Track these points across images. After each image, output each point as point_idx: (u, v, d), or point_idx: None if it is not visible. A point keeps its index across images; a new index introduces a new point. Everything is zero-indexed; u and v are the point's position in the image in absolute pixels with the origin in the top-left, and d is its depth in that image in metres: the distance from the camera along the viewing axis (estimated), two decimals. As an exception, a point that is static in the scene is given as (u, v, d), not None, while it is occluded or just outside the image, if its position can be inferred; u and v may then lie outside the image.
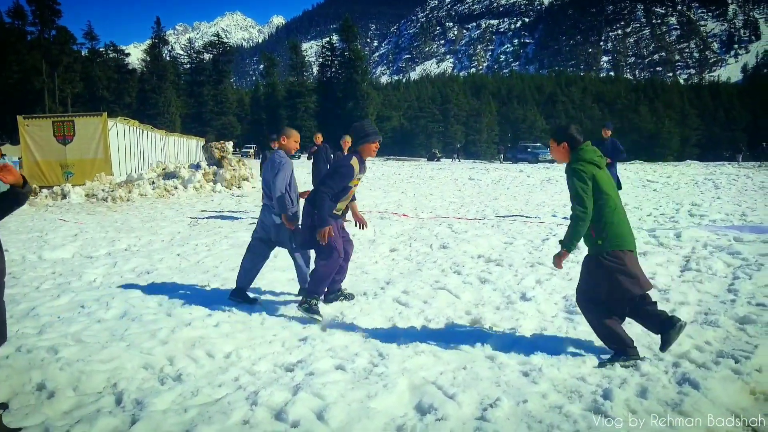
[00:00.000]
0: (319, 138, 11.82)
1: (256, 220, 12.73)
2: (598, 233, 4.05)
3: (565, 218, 12.05)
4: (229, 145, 23.37)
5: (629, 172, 28.27)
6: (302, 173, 21.01)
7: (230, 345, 4.54)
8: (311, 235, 5.21)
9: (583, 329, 4.80)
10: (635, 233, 9.33)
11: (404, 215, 13.16)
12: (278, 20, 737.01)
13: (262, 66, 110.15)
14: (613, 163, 12.19)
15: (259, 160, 15.41)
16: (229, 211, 14.72)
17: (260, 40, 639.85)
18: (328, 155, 11.63)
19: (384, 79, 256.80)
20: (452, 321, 5.05)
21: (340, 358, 4.24)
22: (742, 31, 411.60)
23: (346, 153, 11.72)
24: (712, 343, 4.43)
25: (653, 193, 18.01)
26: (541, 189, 20.97)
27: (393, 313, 5.28)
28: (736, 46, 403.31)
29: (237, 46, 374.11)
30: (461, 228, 10.66)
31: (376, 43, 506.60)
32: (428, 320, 5.09)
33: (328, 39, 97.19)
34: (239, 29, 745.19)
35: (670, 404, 3.41)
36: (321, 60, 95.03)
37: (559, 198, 17.12)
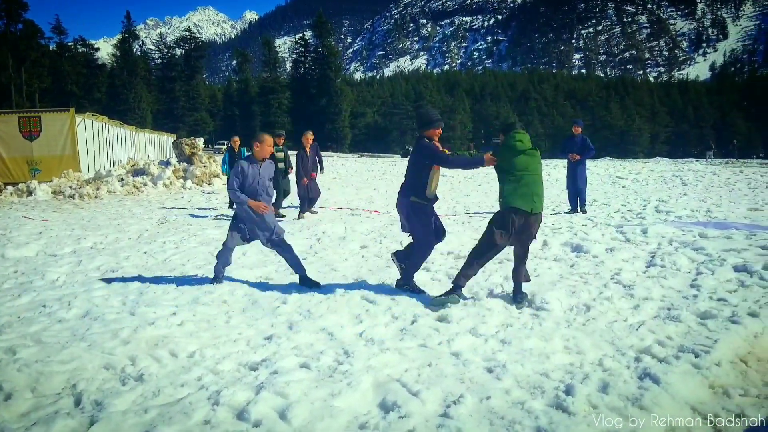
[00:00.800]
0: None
1: (223, 217, 12.64)
2: (500, 194, 5.40)
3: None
4: (200, 141, 23.14)
5: (599, 168, 28.66)
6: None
7: (194, 344, 4.48)
8: (408, 222, 5.89)
9: (548, 325, 4.84)
10: (603, 229, 9.44)
11: (375, 212, 13.15)
12: (251, 16, 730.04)
13: (234, 62, 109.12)
14: (583, 160, 12.30)
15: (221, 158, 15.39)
16: (198, 209, 14.57)
17: (233, 36, 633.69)
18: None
19: (358, 76, 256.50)
20: (419, 318, 5.04)
21: (305, 357, 4.22)
22: (710, 30, 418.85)
23: (308, 149, 11.91)
24: (674, 337, 4.49)
25: (622, 190, 18.26)
26: (512, 185, 21.15)
27: (360, 311, 5.27)
28: (704, 44, 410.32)
29: (209, 41, 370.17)
30: (432, 225, 10.68)
31: (349, 40, 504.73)
32: (395, 317, 5.08)
33: (301, 35, 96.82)
34: (211, 24, 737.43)
35: (631, 399, 3.45)
36: (294, 56, 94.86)
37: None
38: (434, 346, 4.38)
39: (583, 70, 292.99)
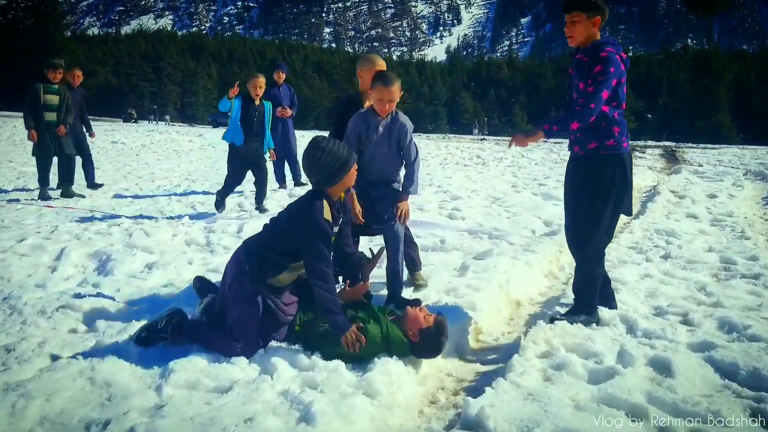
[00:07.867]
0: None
1: None
2: None
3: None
4: None
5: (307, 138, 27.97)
6: None
7: None
8: None
9: None
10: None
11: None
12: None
13: None
14: (292, 117, 10.83)
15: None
16: None
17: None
18: None
19: (94, 31, 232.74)
20: None
21: None
22: (446, 15, 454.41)
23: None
24: None
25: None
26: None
27: None
28: (441, 28, 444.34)
29: None
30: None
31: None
32: None
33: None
34: None
35: None
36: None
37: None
38: None
39: (333, 44, 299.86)
